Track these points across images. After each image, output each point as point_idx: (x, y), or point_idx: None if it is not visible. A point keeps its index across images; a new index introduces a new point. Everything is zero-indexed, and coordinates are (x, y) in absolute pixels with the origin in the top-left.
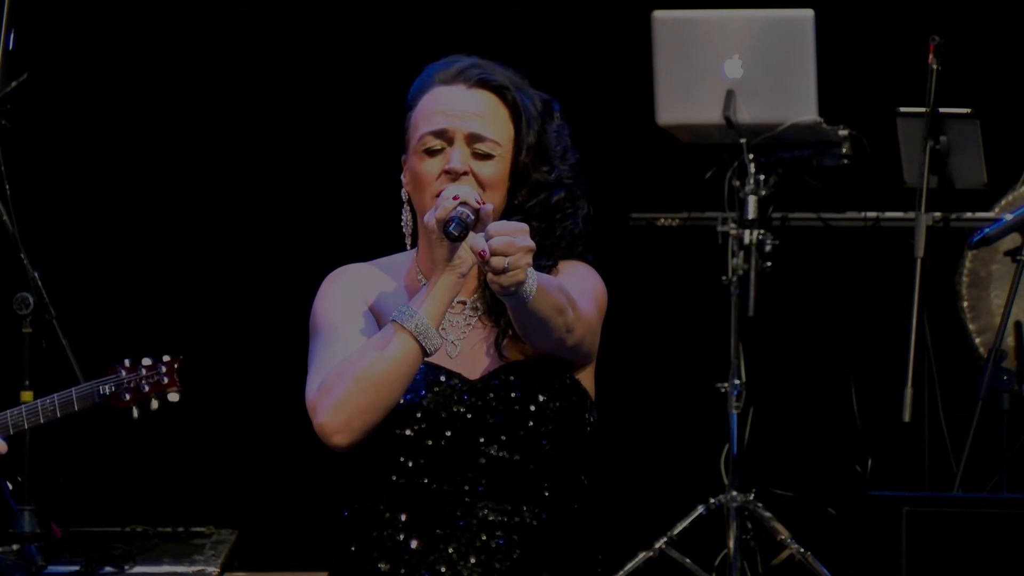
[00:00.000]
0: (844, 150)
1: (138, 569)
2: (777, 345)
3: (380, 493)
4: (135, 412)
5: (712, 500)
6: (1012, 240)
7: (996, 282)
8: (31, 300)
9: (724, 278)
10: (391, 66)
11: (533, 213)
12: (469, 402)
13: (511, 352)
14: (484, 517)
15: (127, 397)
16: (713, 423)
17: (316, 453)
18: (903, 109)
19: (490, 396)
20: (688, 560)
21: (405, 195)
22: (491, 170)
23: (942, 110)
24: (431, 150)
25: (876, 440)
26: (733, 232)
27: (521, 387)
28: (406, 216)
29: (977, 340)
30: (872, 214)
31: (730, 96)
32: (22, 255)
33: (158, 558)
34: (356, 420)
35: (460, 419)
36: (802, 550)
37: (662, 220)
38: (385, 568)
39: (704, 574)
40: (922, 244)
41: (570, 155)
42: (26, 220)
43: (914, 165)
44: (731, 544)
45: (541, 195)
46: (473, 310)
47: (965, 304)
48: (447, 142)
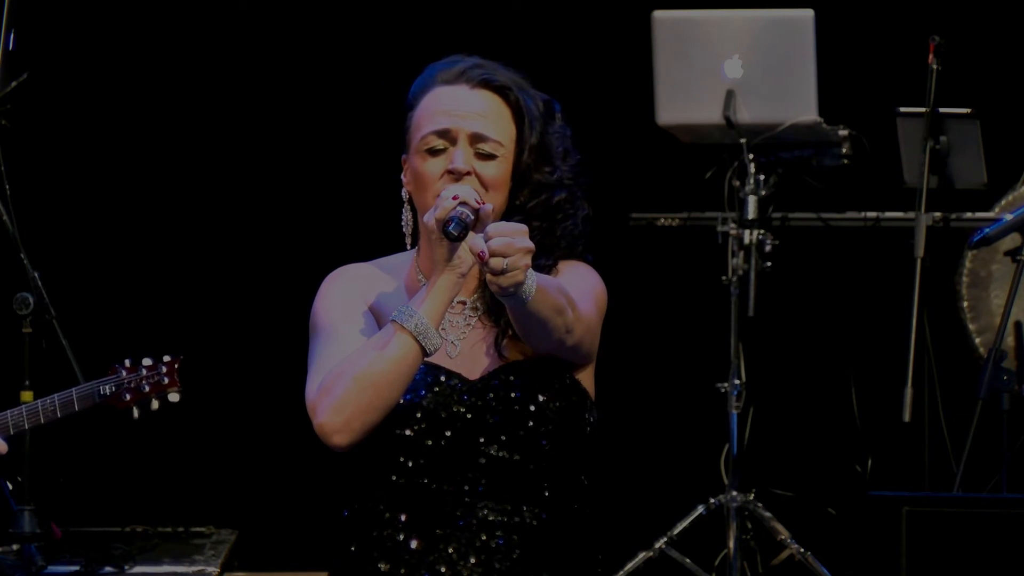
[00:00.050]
0: (844, 150)
1: (138, 569)
2: (777, 345)
3: (380, 493)
4: (135, 412)
5: (712, 500)
6: (1012, 240)
7: (996, 282)
8: (31, 300)
9: (724, 278)
10: (391, 66)
11: (534, 213)
12: (469, 402)
13: (511, 352)
14: (484, 517)
15: (127, 397)
16: (713, 423)
17: (316, 453)
18: (903, 109)
19: (490, 396)
20: (688, 560)
21: (406, 195)
22: (494, 170)
23: (942, 110)
24: (434, 150)
25: (876, 440)
26: (733, 232)
27: (521, 387)
28: (406, 216)
29: (977, 340)
30: (872, 214)
31: (730, 96)
32: (22, 255)
33: (158, 558)
34: (356, 420)
35: (460, 419)
36: (802, 550)
37: (662, 220)
38: (385, 568)
39: (704, 574)
40: (922, 244)
41: (571, 155)
42: (26, 220)
43: (914, 165)
44: (731, 544)
45: (542, 196)
46: (473, 310)
47: (965, 304)
48: (450, 142)
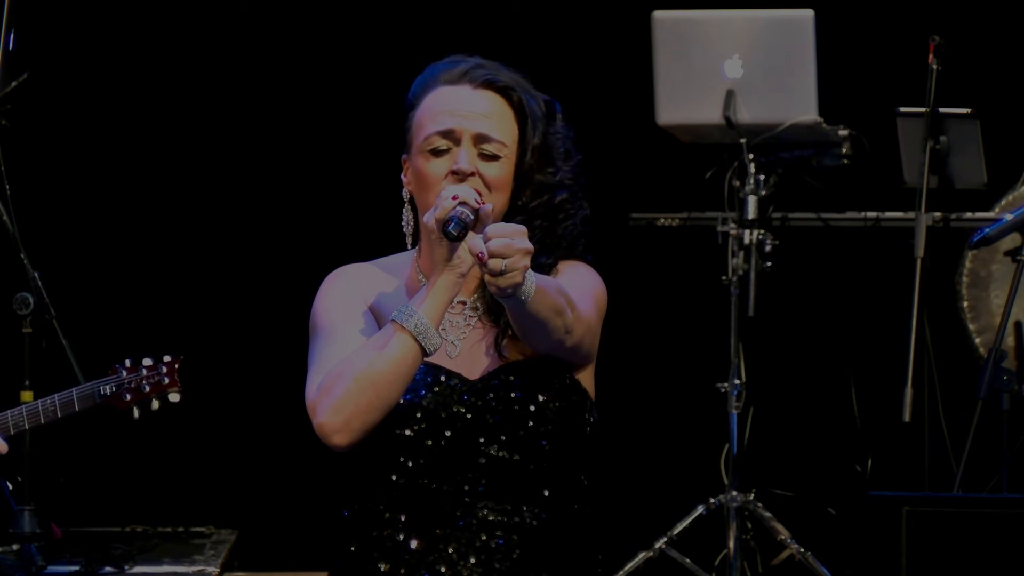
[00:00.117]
0: (844, 150)
1: (138, 569)
2: (777, 345)
3: (380, 493)
4: (136, 412)
5: (712, 500)
6: (1012, 240)
7: (996, 282)
8: (31, 300)
9: (724, 278)
10: (391, 66)
11: (536, 213)
12: (469, 402)
13: (511, 352)
14: (484, 517)
15: (128, 397)
16: (713, 423)
17: (316, 453)
18: (903, 109)
19: (490, 396)
20: (688, 560)
21: (406, 195)
22: (497, 171)
23: (942, 110)
24: (437, 150)
25: (876, 440)
26: (733, 232)
27: (521, 387)
28: (407, 216)
29: (977, 340)
30: (872, 214)
31: (730, 96)
32: (22, 255)
33: (158, 558)
34: (356, 420)
35: (460, 419)
36: (802, 550)
37: (662, 220)
38: (385, 568)
39: (704, 574)
40: (922, 244)
41: (572, 156)
42: (26, 220)
43: (914, 165)
44: (731, 544)
45: (544, 196)
46: (473, 310)
47: (965, 304)
48: (454, 142)
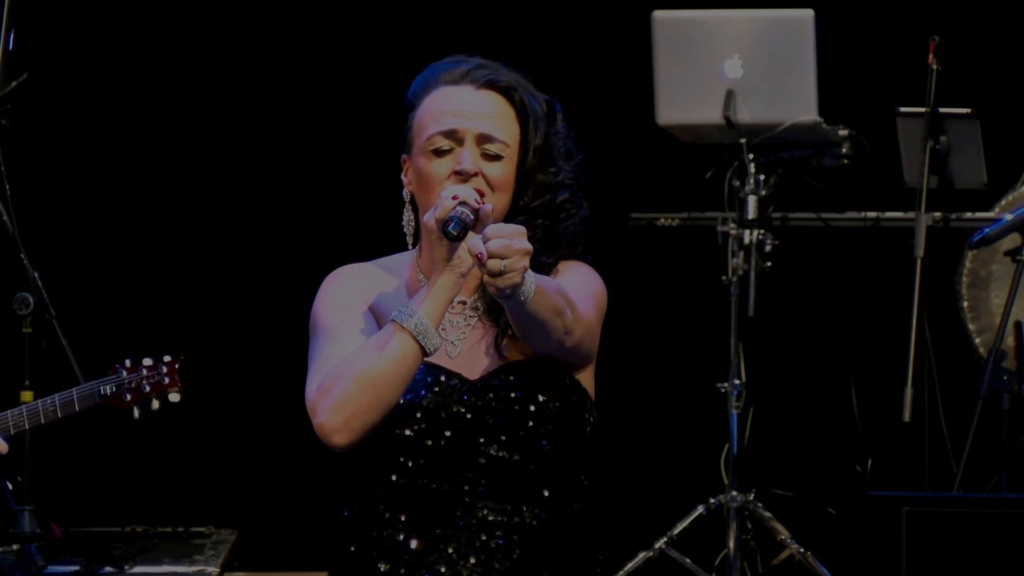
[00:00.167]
0: (844, 150)
1: (138, 569)
2: (777, 345)
3: (380, 493)
4: (136, 412)
5: (712, 500)
6: (1012, 240)
7: (996, 282)
8: (31, 300)
9: (724, 278)
10: (391, 66)
11: (538, 213)
12: (469, 402)
13: (511, 352)
14: (484, 517)
15: (128, 397)
16: (713, 423)
17: (316, 453)
18: (903, 109)
19: (490, 396)
20: (688, 560)
21: (407, 195)
22: (500, 171)
23: (942, 110)
24: (439, 150)
25: (876, 440)
26: (733, 232)
27: (521, 387)
28: (408, 216)
29: (977, 340)
30: (872, 214)
31: (730, 96)
32: (22, 255)
33: (158, 558)
34: (355, 420)
35: (460, 419)
36: (802, 550)
37: (662, 220)
38: (385, 568)
39: (704, 574)
40: (922, 244)
41: (573, 156)
42: (26, 220)
43: (914, 165)
44: (731, 544)
45: (546, 196)
46: (473, 310)
47: (965, 304)
48: (456, 143)
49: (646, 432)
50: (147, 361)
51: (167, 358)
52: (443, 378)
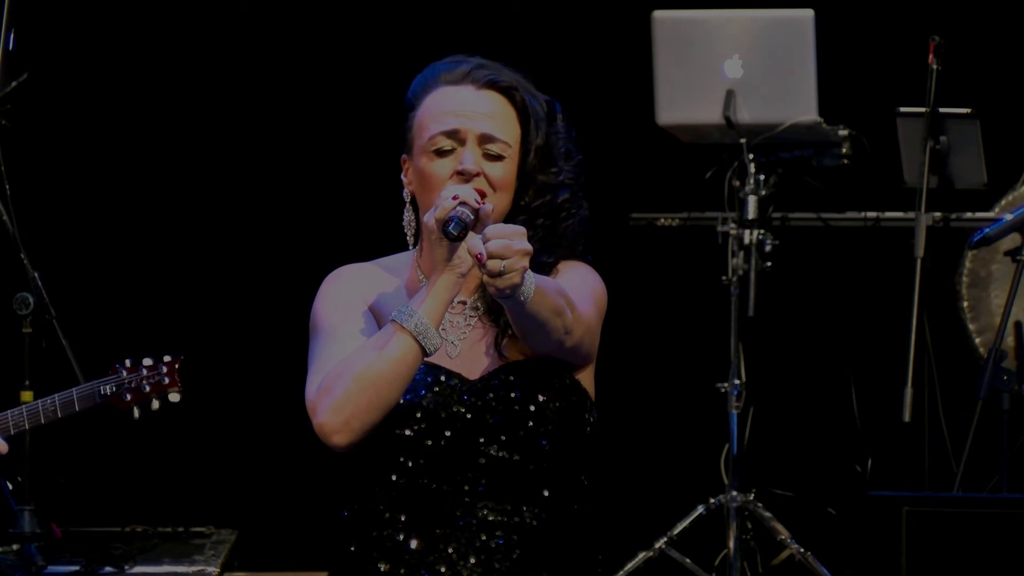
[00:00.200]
0: (844, 150)
1: (138, 569)
2: (777, 345)
3: (380, 493)
4: (136, 412)
5: (712, 500)
6: (1012, 240)
7: (996, 282)
8: (31, 300)
9: (724, 278)
10: (391, 66)
11: (539, 213)
12: (469, 402)
13: (511, 352)
14: (484, 517)
15: (128, 397)
16: (713, 423)
17: (316, 453)
18: (903, 109)
19: (490, 396)
20: (688, 560)
21: (408, 195)
22: (501, 171)
23: (942, 110)
24: (441, 150)
25: (876, 440)
26: (733, 232)
27: (521, 387)
28: (408, 216)
29: (977, 340)
30: (872, 214)
31: (730, 96)
32: (22, 255)
33: (158, 558)
34: (355, 420)
35: (460, 419)
36: (802, 550)
37: (662, 220)
38: (385, 568)
39: (704, 574)
40: (922, 244)
41: (573, 155)
42: (26, 220)
43: (914, 165)
44: (731, 544)
45: (547, 196)
46: (473, 310)
47: (965, 304)
48: (458, 143)
49: (646, 432)
50: (147, 361)
51: (167, 358)
52: (443, 378)
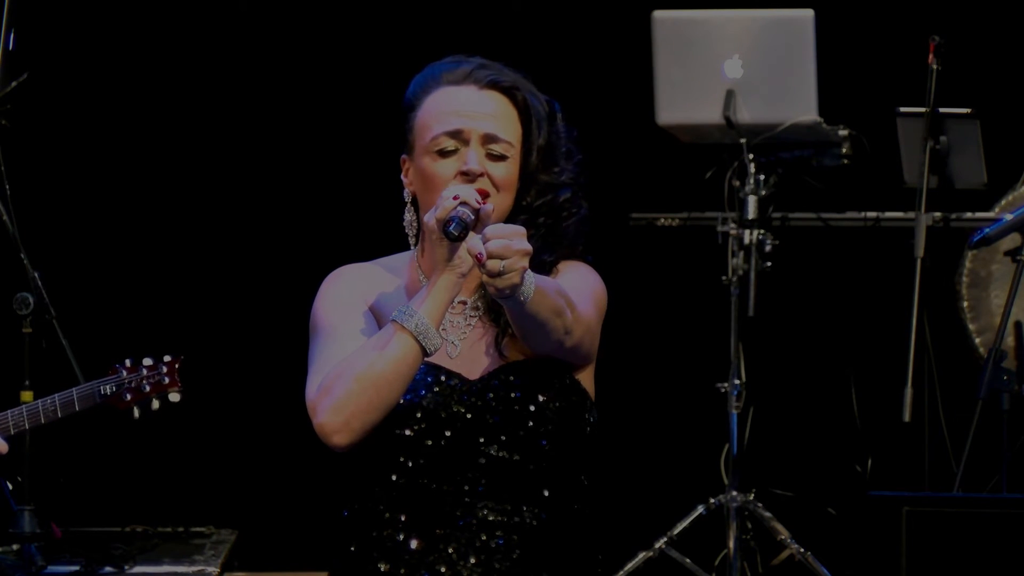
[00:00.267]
0: (844, 150)
1: (138, 569)
2: (777, 345)
3: (380, 493)
4: (136, 412)
5: (712, 500)
6: (1012, 240)
7: (996, 282)
8: (31, 300)
9: (724, 278)
10: (391, 66)
11: (540, 212)
12: (469, 402)
13: (511, 352)
14: (484, 517)
15: (128, 397)
16: (713, 423)
17: (316, 453)
18: (903, 109)
19: (490, 396)
20: (688, 560)
21: (409, 195)
22: (504, 171)
23: (942, 110)
24: (444, 151)
25: (876, 440)
26: (733, 232)
27: (521, 387)
28: (409, 216)
29: (977, 340)
30: (872, 214)
31: (730, 96)
32: (22, 255)
33: (158, 558)
34: (356, 420)
35: (460, 419)
36: (802, 550)
37: (662, 220)
38: (385, 568)
39: (704, 574)
40: (922, 244)
41: (574, 155)
42: (26, 220)
43: (914, 165)
44: (731, 544)
45: (549, 196)
46: (474, 310)
47: (965, 304)
48: (462, 143)
49: (646, 432)
50: (147, 361)
51: (167, 358)
52: (443, 378)
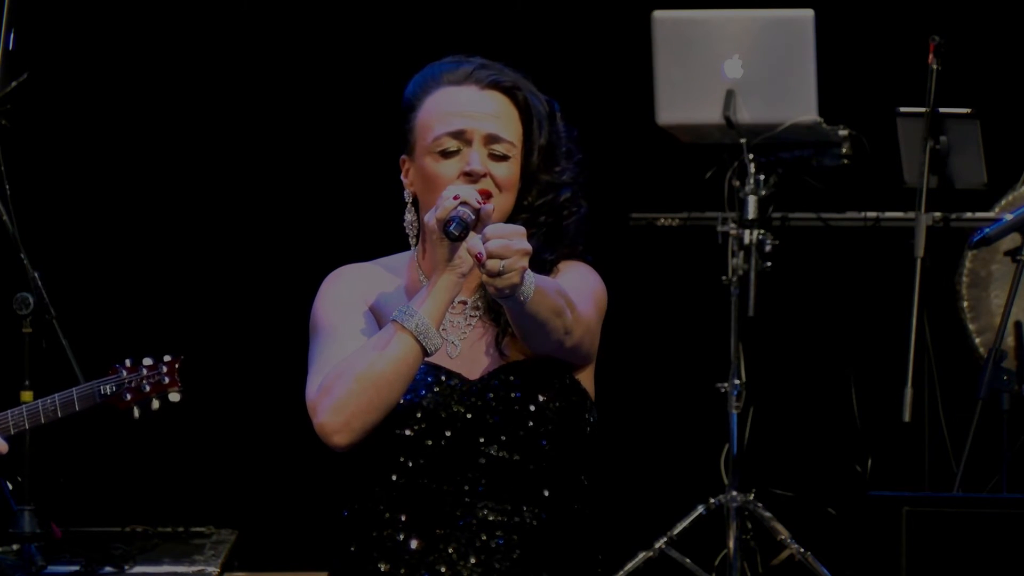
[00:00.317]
0: (844, 150)
1: (138, 569)
2: (777, 345)
3: (380, 493)
4: (136, 412)
5: (712, 500)
6: (1012, 240)
7: (996, 282)
8: (31, 300)
9: (724, 278)
10: (391, 66)
11: (542, 211)
12: (469, 402)
13: (511, 352)
14: (484, 517)
15: (128, 397)
16: (713, 423)
17: (316, 453)
18: (903, 109)
19: (490, 396)
20: (688, 560)
21: (409, 196)
22: (506, 171)
23: (942, 110)
24: (447, 151)
25: (876, 440)
26: (733, 232)
27: (521, 387)
28: (410, 217)
29: (977, 340)
30: (872, 214)
31: (730, 96)
32: (22, 255)
33: (158, 558)
34: (356, 420)
35: (460, 419)
36: (802, 550)
37: (662, 220)
38: (385, 568)
39: (704, 574)
40: (922, 244)
41: (574, 154)
42: (26, 220)
43: (914, 165)
44: (731, 544)
45: (550, 195)
46: (474, 310)
47: (965, 304)
48: (464, 143)
49: (646, 432)
50: (147, 361)
51: (167, 358)
52: (443, 378)
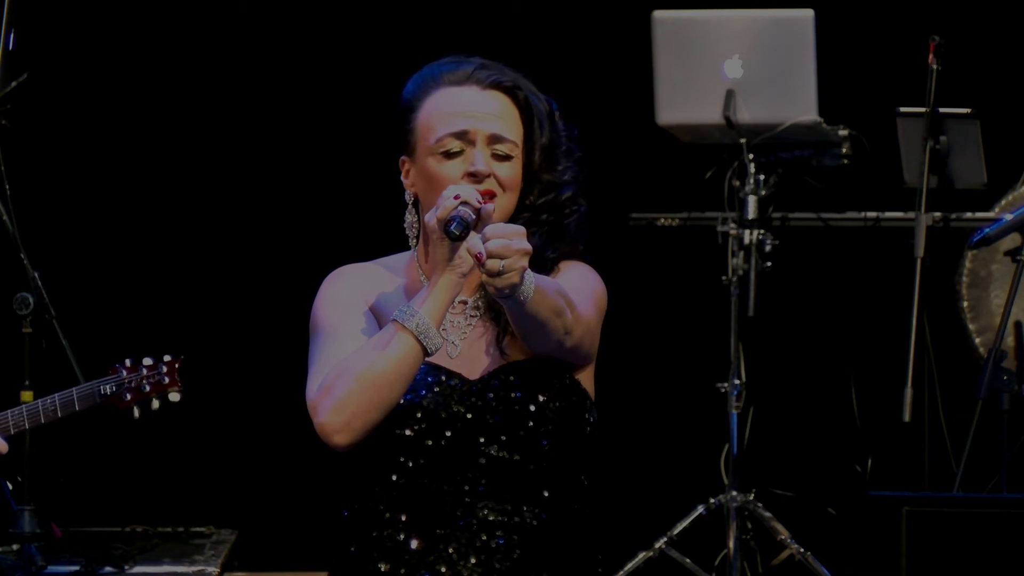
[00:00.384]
0: (844, 150)
1: (138, 569)
2: (777, 345)
3: (380, 493)
4: (136, 412)
5: (712, 500)
6: (1012, 240)
7: (996, 282)
8: (31, 300)
9: (724, 278)
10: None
11: (543, 210)
12: (469, 402)
13: (512, 352)
14: (484, 517)
15: (128, 397)
16: (713, 423)
17: (316, 453)
18: (903, 109)
19: (490, 396)
20: (688, 560)
21: (410, 197)
22: (509, 171)
23: (942, 110)
24: (450, 152)
25: (876, 440)
26: (733, 232)
27: (521, 387)
28: (411, 217)
29: (977, 340)
30: (872, 214)
31: (730, 96)
32: (22, 255)
33: (158, 558)
34: (356, 420)
35: (460, 419)
36: (802, 550)
37: (662, 220)
38: (385, 568)
39: (704, 574)
40: (922, 244)
41: (574, 153)
42: (26, 220)
43: (914, 165)
44: (731, 544)
45: (551, 194)
46: (475, 310)
47: (965, 304)
48: (467, 144)
49: (646, 432)
50: (147, 361)
51: (167, 358)
52: (443, 378)
